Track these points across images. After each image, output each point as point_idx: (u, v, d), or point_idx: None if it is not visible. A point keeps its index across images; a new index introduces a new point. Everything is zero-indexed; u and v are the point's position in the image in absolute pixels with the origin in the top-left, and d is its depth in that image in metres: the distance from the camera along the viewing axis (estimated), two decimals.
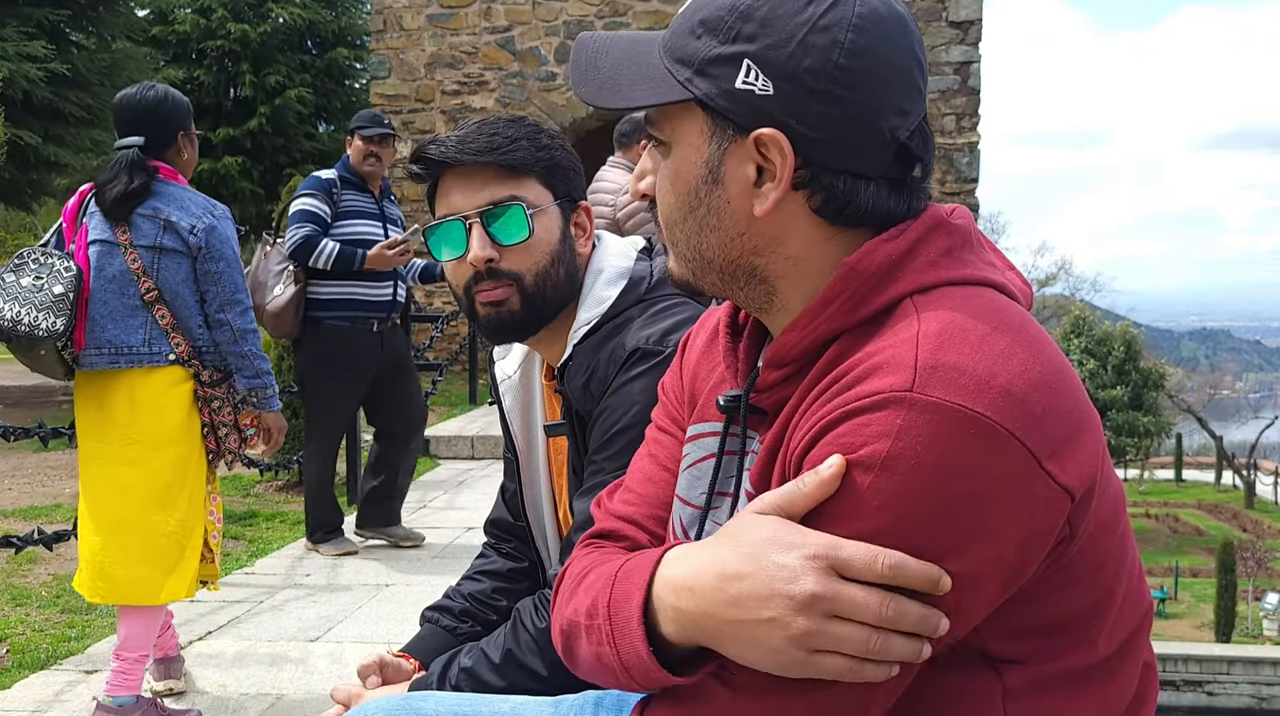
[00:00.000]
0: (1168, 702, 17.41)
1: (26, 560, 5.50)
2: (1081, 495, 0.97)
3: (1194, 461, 43.95)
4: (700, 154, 1.07)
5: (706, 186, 1.07)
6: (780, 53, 1.01)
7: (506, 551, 1.92)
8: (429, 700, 1.39)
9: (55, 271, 3.24)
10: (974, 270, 1.05)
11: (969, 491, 0.92)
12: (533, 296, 1.65)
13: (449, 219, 1.66)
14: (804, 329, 1.05)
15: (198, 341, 3.33)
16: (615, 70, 1.11)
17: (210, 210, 3.35)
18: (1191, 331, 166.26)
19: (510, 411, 1.84)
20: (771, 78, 1.02)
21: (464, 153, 1.64)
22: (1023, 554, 0.96)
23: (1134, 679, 1.09)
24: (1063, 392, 0.97)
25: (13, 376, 13.20)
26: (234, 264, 3.33)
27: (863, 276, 1.03)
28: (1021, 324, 1.00)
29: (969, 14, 13.44)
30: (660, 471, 1.27)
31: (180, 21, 20.29)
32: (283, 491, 7.89)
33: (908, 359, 0.95)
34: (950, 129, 13.49)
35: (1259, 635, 22.37)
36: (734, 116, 1.04)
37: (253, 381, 3.39)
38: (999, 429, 0.92)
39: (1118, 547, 1.05)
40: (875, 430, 0.93)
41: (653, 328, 1.62)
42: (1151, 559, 26.53)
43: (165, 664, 3.68)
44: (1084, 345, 29.33)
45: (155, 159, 3.35)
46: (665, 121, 1.10)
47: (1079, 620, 1.03)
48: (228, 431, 3.42)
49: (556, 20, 13.80)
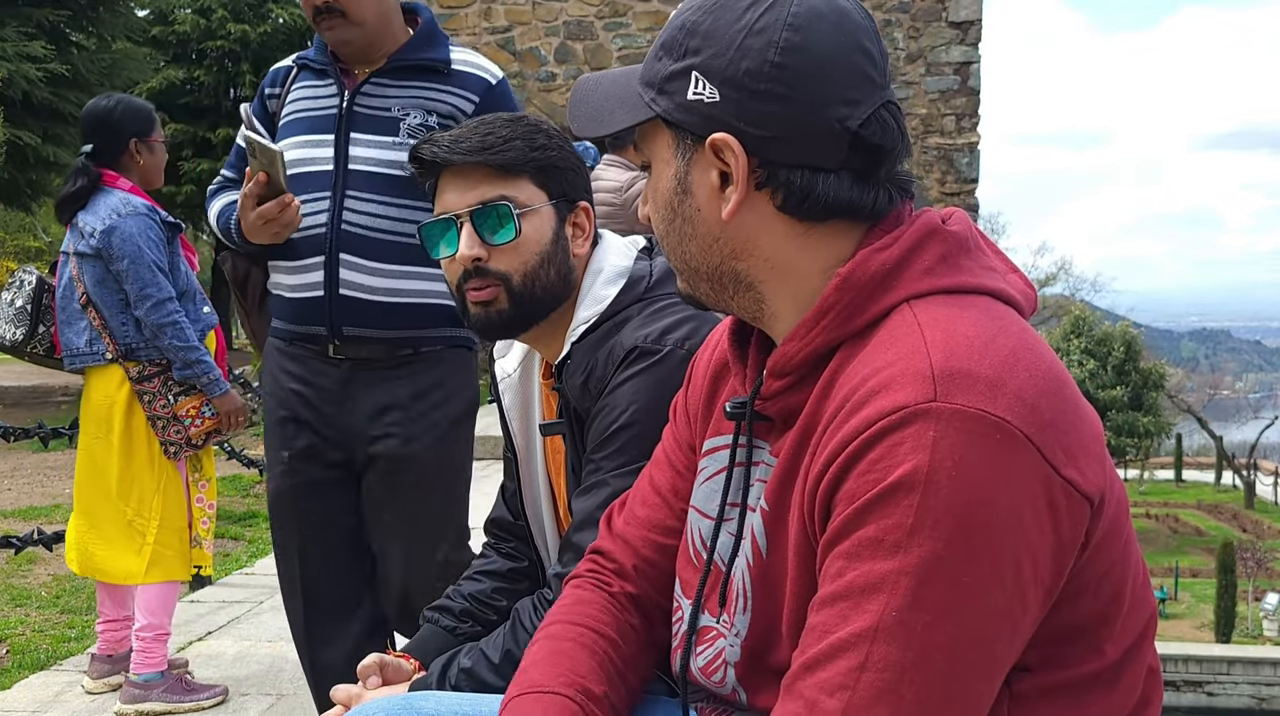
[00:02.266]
0: (1168, 703, 17.41)
1: (26, 560, 5.50)
2: (1098, 502, 0.97)
3: (1194, 461, 43.94)
4: (670, 167, 1.12)
5: (679, 197, 1.12)
6: (721, 60, 1.06)
7: (506, 551, 1.92)
8: (429, 700, 1.39)
9: (20, 285, 3.62)
10: (970, 277, 1.05)
11: (1006, 499, 0.92)
12: (520, 296, 1.66)
13: (442, 217, 1.68)
14: (803, 339, 1.07)
15: (125, 340, 3.47)
16: (602, 101, 1.18)
17: (116, 211, 3.43)
18: (1191, 332, 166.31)
19: (510, 410, 1.84)
20: (717, 85, 1.06)
21: (455, 152, 1.65)
22: (1055, 568, 0.96)
23: (1139, 684, 1.09)
24: (1065, 399, 0.98)
25: (13, 377, 13.20)
26: (139, 261, 3.40)
27: (857, 286, 1.04)
28: (1019, 331, 1.01)
29: (969, 14, 13.45)
30: (655, 496, 1.33)
31: (180, 22, 20.32)
32: None
33: (922, 370, 0.95)
34: (950, 129, 13.50)
35: (1259, 635, 22.37)
36: (689, 127, 1.09)
37: (184, 372, 3.47)
38: (1018, 433, 0.92)
39: (1123, 552, 1.04)
40: (909, 447, 0.92)
41: (651, 326, 1.61)
42: (1152, 559, 26.53)
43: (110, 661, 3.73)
44: (1084, 345, 29.34)
45: (108, 166, 3.51)
46: (644, 143, 1.16)
47: (1089, 627, 1.03)
48: (165, 423, 3.50)
49: (556, 21, 13.80)
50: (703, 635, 1.21)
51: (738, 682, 1.18)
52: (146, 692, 3.46)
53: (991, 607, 0.93)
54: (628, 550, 1.33)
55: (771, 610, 1.13)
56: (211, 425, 3.55)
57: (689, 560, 1.25)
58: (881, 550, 0.93)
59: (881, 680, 0.92)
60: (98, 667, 3.72)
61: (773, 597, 1.12)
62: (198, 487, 3.66)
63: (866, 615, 0.93)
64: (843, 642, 0.94)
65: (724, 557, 1.18)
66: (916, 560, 0.91)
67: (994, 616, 0.93)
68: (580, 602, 1.31)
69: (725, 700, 1.21)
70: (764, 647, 1.15)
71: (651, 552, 1.31)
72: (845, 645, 0.94)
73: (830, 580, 0.97)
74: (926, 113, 13.61)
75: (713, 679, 1.20)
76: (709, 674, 1.21)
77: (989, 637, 0.94)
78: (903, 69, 13.62)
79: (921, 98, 13.61)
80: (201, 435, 3.55)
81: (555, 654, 1.24)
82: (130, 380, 3.49)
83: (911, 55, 13.62)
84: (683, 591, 1.25)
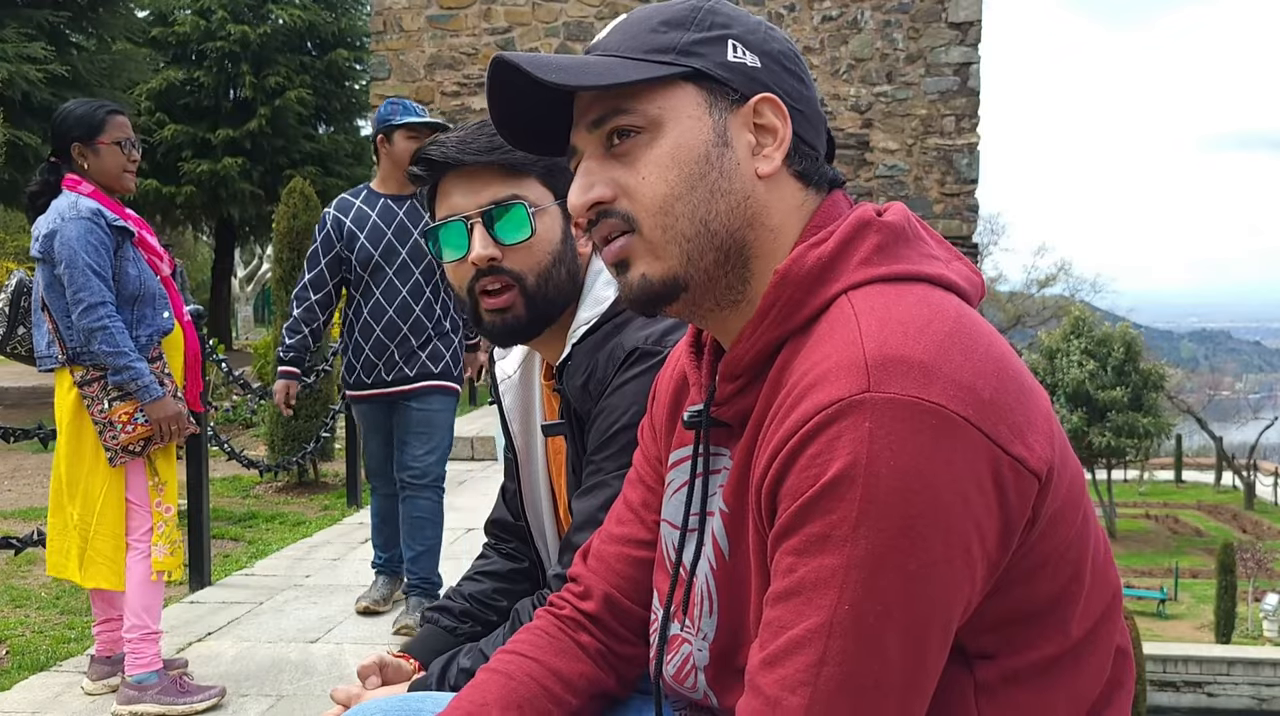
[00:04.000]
0: (1168, 703, 17.41)
1: (26, 561, 5.50)
2: (1045, 477, 0.97)
3: (1194, 462, 43.92)
4: (702, 123, 1.11)
5: (718, 149, 1.11)
6: (755, 37, 1.14)
7: (507, 552, 1.92)
8: (428, 701, 1.39)
9: (4, 287, 3.71)
10: (908, 265, 1.07)
11: (948, 482, 0.93)
12: (535, 297, 1.65)
13: (451, 219, 1.66)
14: (749, 339, 1.09)
15: (71, 343, 3.50)
16: (580, 64, 1.11)
17: (62, 214, 3.45)
18: (1191, 332, 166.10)
19: (510, 411, 1.84)
20: (756, 54, 1.13)
21: (465, 153, 1.64)
22: (1002, 544, 0.97)
23: (1107, 664, 1.09)
24: (1006, 377, 0.98)
25: (13, 377, 13.21)
26: (74, 264, 3.40)
27: (794, 282, 1.06)
28: (957, 314, 1.01)
29: (969, 15, 13.45)
30: (629, 513, 1.36)
31: (180, 23, 20.31)
32: (282, 492, 7.89)
33: (855, 360, 0.96)
34: (950, 130, 13.50)
35: (1259, 636, 22.36)
36: (734, 84, 1.11)
37: (114, 377, 3.47)
38: (955, 417, 0.93)
39: (1080, 530, 1.04)
40: (846, 440, 0.93)
41: (651, 327, 1.62)
42: (1151, 560, 26.56)
43: (109, 663, 3.74)
44: (1084, 346, 29.31)
45: (69, 169, 3.56)
46: (646, 105, 1.10)
47: (1049, 607, 1.03)
48: (101, 428, 3.51)
49: (556, 21, 13.80)
50: (671, 643, 1.23)
51: (708, 686, 1.19)
52: (141, 694, 3.46)
53: (941, 591, 0.94)
54: (601, 568, 1.36)
55: (737, 611, 1.14)
56: (144, 432, 3.50)
57: (664, 571, 1.27)
58: (829, 545, 0.94)
59: (841, 672, 0.94)
60: (97, 669, 3.73)
61: (738, 598, 1.14)
62: (156, 492, 3.62)
63: (821, 610, 0.95)
64: (800, 638, 0.96)
65: (690, 564, 1.20)
66: (864, 552, 0.93)
67: (944, 598, 0.95)
68: (524, 631, 1.38)
69: (700, 705, 1.22)
70: (732, 649, 1.16)
71: (627, 567, 1.34)
72: (803, 641, 0.96)
73: (782, 575, 0.99)
74: (926, 113, 13.61)
75: (685, 685, 1.22)
76: (680, 680, 1.22)
77: (941, 618, 0.96)
78: (902, 69, 13.62)
79: (921, 98, 13.61)
80: (137, 442, 3.50)
81: (471, 686, 1.31)
82: (75, 384, 3.51)
83: (911, 56, 13.62)
84: (658, 601, 1.27)
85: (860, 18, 13.70)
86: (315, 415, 7.58)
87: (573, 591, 1.38)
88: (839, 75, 13.77)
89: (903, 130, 13.68)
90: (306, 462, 7.79)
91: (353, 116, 22.16)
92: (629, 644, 1.35)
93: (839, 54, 13.68)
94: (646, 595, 1.32)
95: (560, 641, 1.34)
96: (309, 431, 7.51)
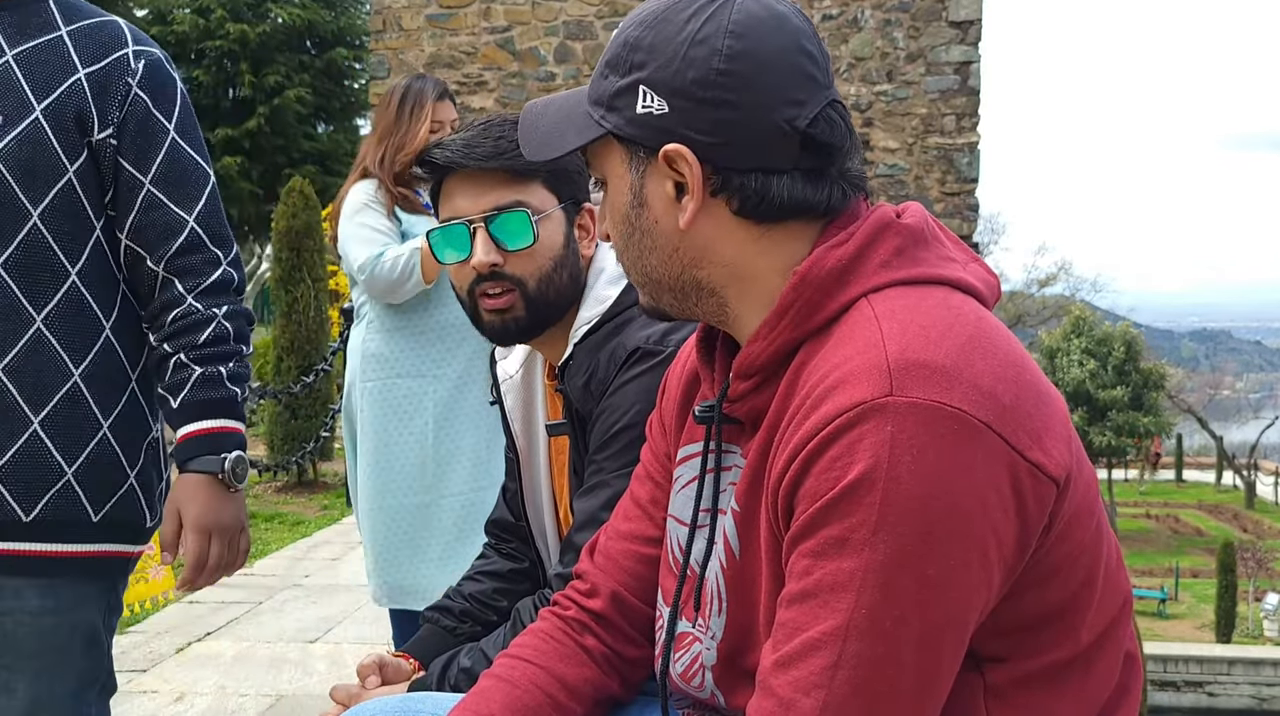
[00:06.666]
0: (1168, 703, 17.41)
1: None
2: (1063, 483, 0.98)
3: (1194, 462, 43.94)
4: (625, 182, 1.13)
5: (635, 210, 1.13)
6: (667, 72, 1.07)
7: (507, 552, 1.91)
8: (428, 701, 1.39)
9: None
10: (927, 268, 1.06)
11: (968, 488, 0.92)
12: (536, 301, 1.66)
13: (453, 222, 1.66)
14: (765, 339, 1.08)
15: None
16: (551, 125, 1.17)
17: None
18: (1192, 332, 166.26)
19: (511, 411, 1.83)
20: (665, 97, 1.08)
21: (470, 157, 1.64)
22: (1019, 550, 0.97)
23: (1115, 669, 1.09)
24: (1025, 383, 0.98)
25: None
26: None
27: (814, 283, 1.06)
28: (977, 319, 1.01)
29: (969, 14, 13.45)
30: (636, 509, 1.35)
31: (179, 21, 20.31)
32: (282, 492, 7.89)
33: (878, 364, 0.96)
34: (950, 129, 13.51)
35: (1260, 636, 22.37)
36: (641, 140, 1.10)
37: None
38: (976, 422, 0.93)
39: (1094, 535, 1.05)
40: (868, 443, 0.93)
41: (653, 327, 1.61)
42: (1152, 559, 26.57)
43: None
44: (1084, 345, 29.31)
45: None
46: (597, 161, 1.16)
47: (1061, 612, 1.03)
48: None
49: (556, 20, 13.81)
50: (680, 641, 1.22)
51: (715, 686, 1.19)
52: None
53: (958, 596, 0.94)
54: (608, 565, 1.35)
55: (746, 611, 1.14)
56: None
57: (669, 568, 1.26)
58: (847, 548, 0.94)
59: (856, 676, 0.94)
60: None
61: (747, 599, 1.14)
62: None
63: (837, 613, 0.95)
64: (815, 641, 0.96)
65: (699, 562, 1.19)
66: (882, 557, 0.93)
67: (961, 604, 0.95)
68: (527, 634, 1.37)
69: (706, 704, 1.22)
70: (740, 649, 1.16)
71: (635, 564, 1.33)
72: (818, 643, 0.96)
73: (798, 577, 0.98)
74: (926, 112, 13.61)
75: (692, 684, 1.21)
76: (688, 679, 1.22)
77: (957, 623, 0.96)
78: (903, 68, 13.63)
79: (922, 97, 13.61)
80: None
81: (474, 693, 1.30)
82: None
83: (911, 55, 13.62)
84: (663, 599, 1.27)
85: (860, 17, 13.70)
86: (315, 415, 7.58)
87: (578, 589, 1.36)
88: (839, 74, 13.77)
89: (903, 129, 13.68)
90: (306, 462, 7.78)
91: (352, 115, 22.16)
92: (635, 645, 1.34)
93: (839, 53, 13.67)
94: (654, 593, 1.31)
95: (565, 646, 1.33)
96: (308, 431, 7.51)
